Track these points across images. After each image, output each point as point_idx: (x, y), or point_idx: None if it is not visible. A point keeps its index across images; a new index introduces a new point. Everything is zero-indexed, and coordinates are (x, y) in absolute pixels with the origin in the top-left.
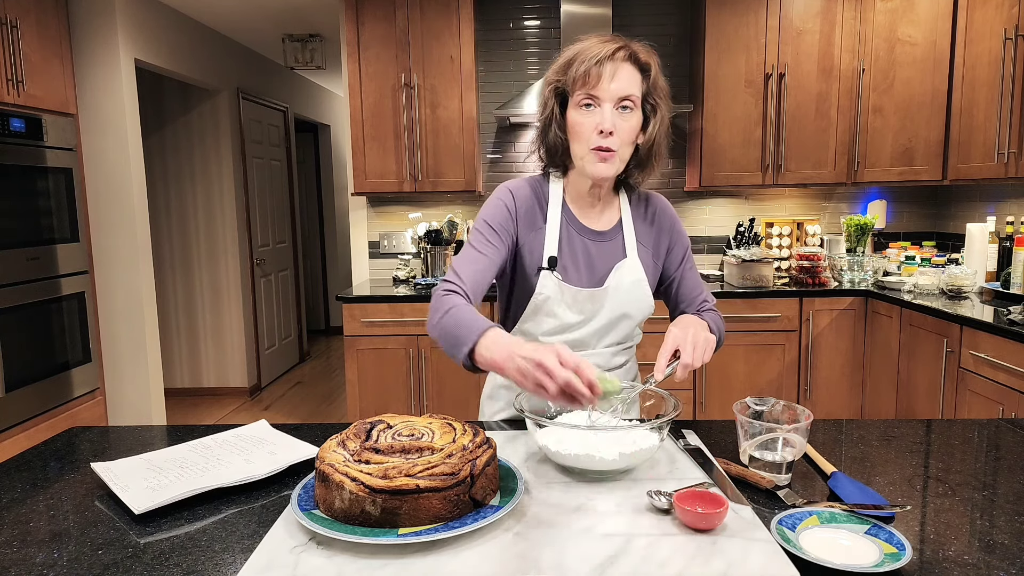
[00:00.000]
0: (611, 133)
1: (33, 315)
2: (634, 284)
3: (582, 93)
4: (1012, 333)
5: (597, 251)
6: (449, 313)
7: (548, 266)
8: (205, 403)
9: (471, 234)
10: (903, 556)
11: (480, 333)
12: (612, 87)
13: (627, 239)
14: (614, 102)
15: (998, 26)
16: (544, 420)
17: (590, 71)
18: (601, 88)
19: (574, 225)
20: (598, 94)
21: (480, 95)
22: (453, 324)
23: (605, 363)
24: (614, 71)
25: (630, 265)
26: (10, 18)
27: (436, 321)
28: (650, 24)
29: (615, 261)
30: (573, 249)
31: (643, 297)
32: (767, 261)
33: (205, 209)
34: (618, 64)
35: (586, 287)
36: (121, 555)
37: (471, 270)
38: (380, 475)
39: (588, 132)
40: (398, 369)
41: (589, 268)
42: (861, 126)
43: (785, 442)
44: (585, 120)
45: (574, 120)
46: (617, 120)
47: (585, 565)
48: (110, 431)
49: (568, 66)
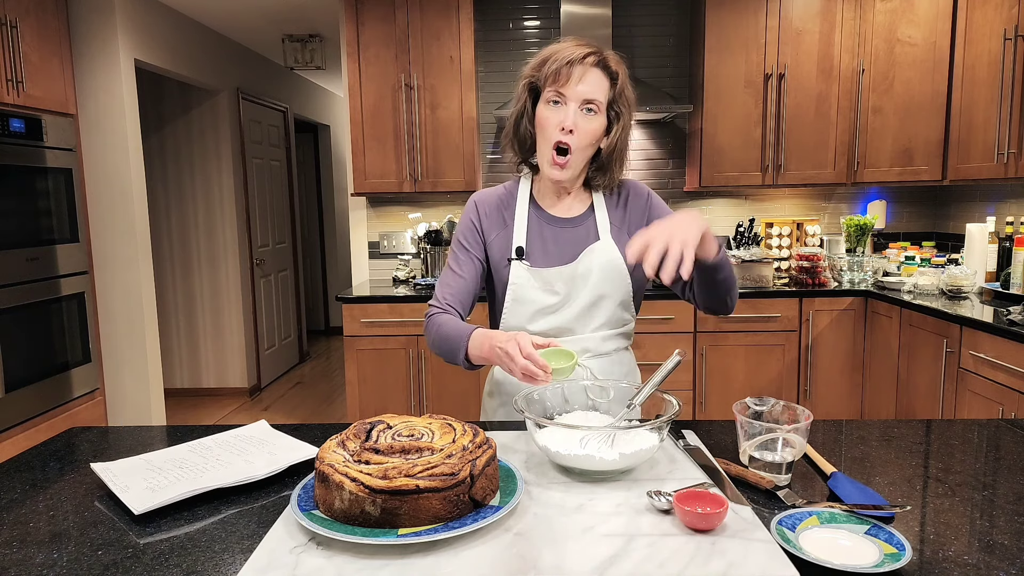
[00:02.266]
0: (571, 131)
1: (33, 315)
2: (609, 264)
3: (551, 90)
4: (1012, 333)
5: (567, 236)
6: (438, 330)
7: (516, 256)
8: (205, 403)
9: (449, 253)
10: (903, 556)
11: (467, 337)
12: (578, 88)
13: (600, 222)
14: (579, 103)
15: (998, 26)
16: (544, 420)
17: (560, 70)
18: (568, 87)
19: (543, 216)
20: (565, 92)
21: (480, 95)
22: (444, 337)
23: (595, 348)
24: (583, 74)
25: (602, 246)
26: (10, 18)
27: (431, 341)
28: (650, 24)
29: (587, 244)
30: (542, 237)
31: (620, 278)
32: (767, 261)
33: (205, 209)
34: (587, 68)
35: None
36: (121, 555)
37: (451, 291)
38: (380, 475)
39: (551, 128)
40: (398, 369)
41: (559, 253)
42: (861, 126)
43: (785, 442)
44: (551, 115)
45: (541, 115)
46: (579, 120)
47: (585, 565)
48: (110, 431)
49: (542, 64)
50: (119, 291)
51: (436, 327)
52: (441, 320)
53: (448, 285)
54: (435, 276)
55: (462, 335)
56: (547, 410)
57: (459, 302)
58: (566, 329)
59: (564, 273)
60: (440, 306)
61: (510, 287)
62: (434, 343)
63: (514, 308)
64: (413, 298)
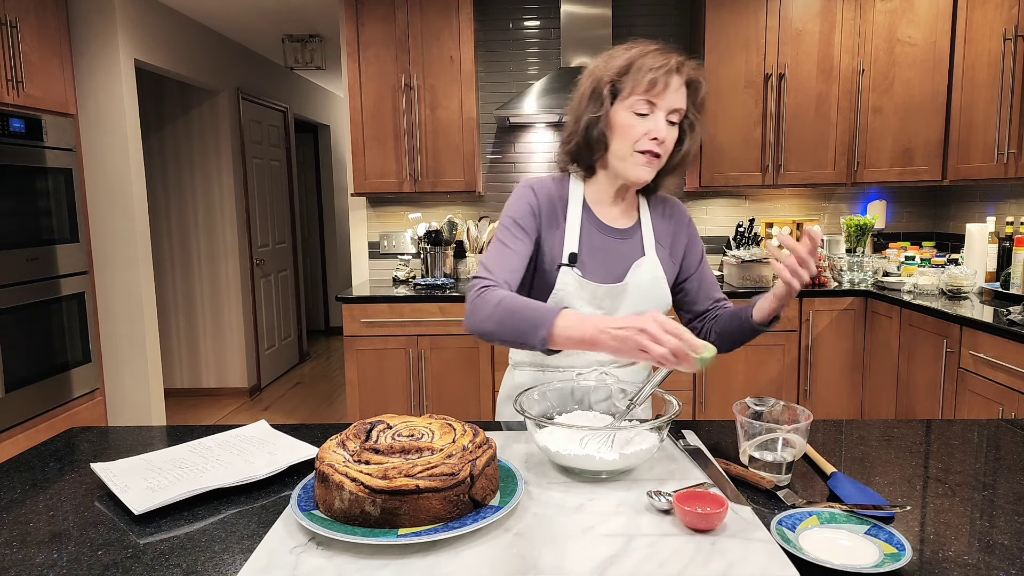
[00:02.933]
0: (663, 141)
1: (33, 315)
2: (652, 281)
3: (641, 98)
4: (1012, 333)
5: (616, 248)
6: (502, 303)
7: (568, 262)
8: (205, 403)
9: (498, 231)
10: (903, 556)
11: (555, 315)
12: (670, 100)
13: (645, 237)
14: (667, 112)
15: (998, 26)
16: (544, 421)
17: (657, 80)
18: (662, 99)
19: (594, 223)
20: (657, 103)
21: (480, 95)
22: (513, 311)
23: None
24: (678, 85)
25: (648, 263)
26: (10, 18)
27: (488, 313)
28: (650, 24)
29: (634, 259)
30: (592, 246)
31: (661, 295)
32: (767, 261)
33: (205, 209)
34: (681, 79)
35: (604, 283)
36: (121, 556)
37: (505, 267)
38: (380, 475)
39: (638, 135)
40: (398, 369)
41: (608, 265)
42: (861, 126)
43: (785, 442)
44: (637, 124)
45: (625, 121)
46: (667, 131)
47: (585, 565)
48: (110, 431)
49: (629, 68)
50: (119, 291)
51: (498, 300)
52: (504, 293)
53: (501, 261)
54: (435, 276)
55: (545, 312)
56: (547, 410)
57: (515, 281)
58: None
59: (614, 291)
60: (494, 280)
61: (556, 292)
62: (493, 316)
63: None
64: (413, 298)
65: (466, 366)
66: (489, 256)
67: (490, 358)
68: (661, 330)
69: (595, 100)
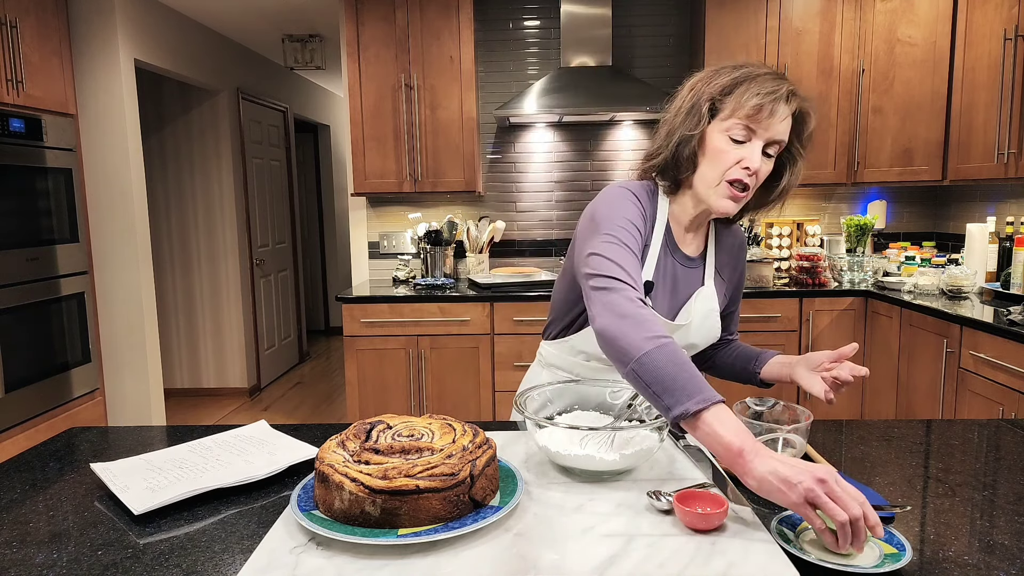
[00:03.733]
0: (755, 173)
1: (33, 315)
2: (707, 314)
3: (740, 122)
4: (1012, 333)
5: (683, 276)
6: (663, 347)
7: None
8: (204, 403)
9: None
10: (903, 556)
11: (714, 401)
12: (774, 129)
13: (708, 267)
14: (765, 142)
15: (998, 27)
16: (544, 421)
17: (763, 106)
18: (765, 128)
19: (671, 246)
20: (758, 130)
21: (480, 95)
22: (672, 361)
23: None
24: (785, 114)
25: (706, 294)
26: (10, 18)
27: (646, 349)
28: (650, 24)
29: (694, 288)
30: (665, 272)
31: (712, 328)
32: (767, 261)
33: (205, 209)
34: (788, 108)
35: (666, 314)
36: (121, 556)
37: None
38: (380, 475)
39: (730, 162)
40: (398, 369)
41: (673, 293)
42: (861, 126)
43: (785, 442)
44: (731, 150)
45: (718, 145)
46: (762, 162)
47: (585, 566)
48: (110, 431)
49: (734, 88)
50: (119, 291)
51: (658, 336)
52: (664, 333)
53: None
54: (435, 276)
55: (708, 391)
56: (548, 410)
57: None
58: None
59: (670, 327)
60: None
61: None
62: (643, 351)
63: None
64: (413, 298)
65: (466, 366)
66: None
67: (490, 358)
68: (841, 489)
69: (692, 116)
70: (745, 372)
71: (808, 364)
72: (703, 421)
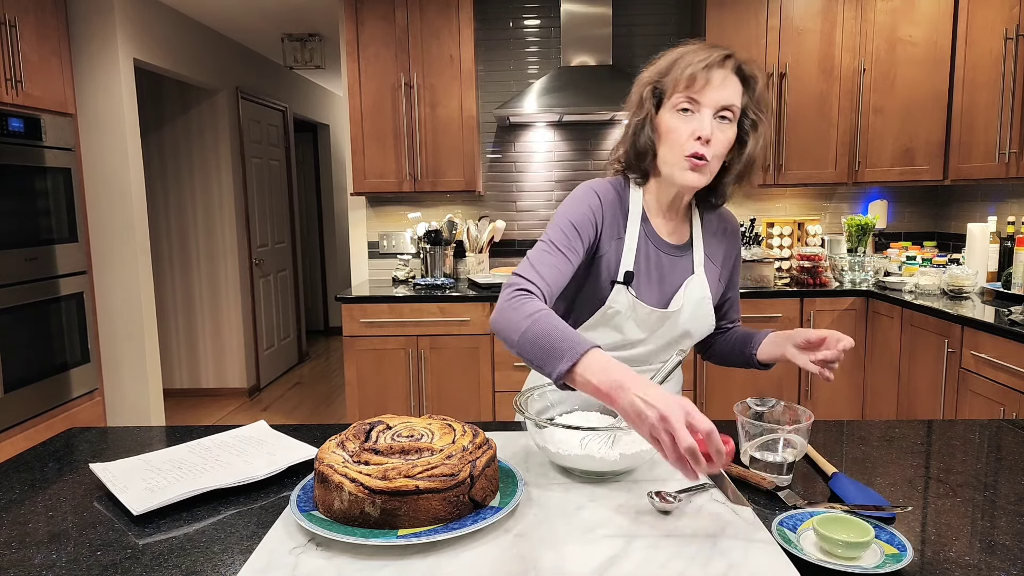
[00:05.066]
0: (708, 141)
1: (32, 315)
2: (700, 302)
3: (682, 96)
4: (1013, 333)
5: (670, 265)
6: (536, 318)
7: (624, 281)
8: (204, 404)
9: (550, 230)
10: (904, 557)
11: (582, 352)
12: (716, 94)
13: (696, 255)
14: (714, 110)
15: (999, 26)
16: (544, 421)
17: (696, 74)
18: (705, 93)
19: (652, 237)
20: (700, 99)
21: (480, 94)
22: (543, 334)
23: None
24: (722, 79)
25: (697, 282)
26: (9, 18)
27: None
28: (650, 24)
29: (684, 277)
30: (648, 262)
31: (706, 316)
32: (768, 261)
33: (204, 209)
34: (726, 72)
35: (656, 304)
36: (120, 556)
37: (553, 272)
38: (379, 476)
39: (683, 138)
40: (397, 370)
41: (660, 283)
42: (862, 126)
43: (786, 443)
44: (681, 125)
45: (668, 124)
46: (715, 130)
47: (585, 566)
48: (109, 432)
49: (671, 67)
50: (118, 291)
51: (533, 312)
52: (541, 306)
53: (547, 266)
54: (434, 276)
55: (575, 346)
56: (548, 410)
57: (557, 290)
58: (638, 359)
59: (664, 317)
60: (536, 286)
61: (606, 309)
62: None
63: (597, 329)
64: (413, 298)
65: (466, 366)
66: (538, 257)
67: (490, 358)
68: (683, 427)
69: (640, 105)
70: (743, 356)
71: (794, 342)
72: (577, 376)
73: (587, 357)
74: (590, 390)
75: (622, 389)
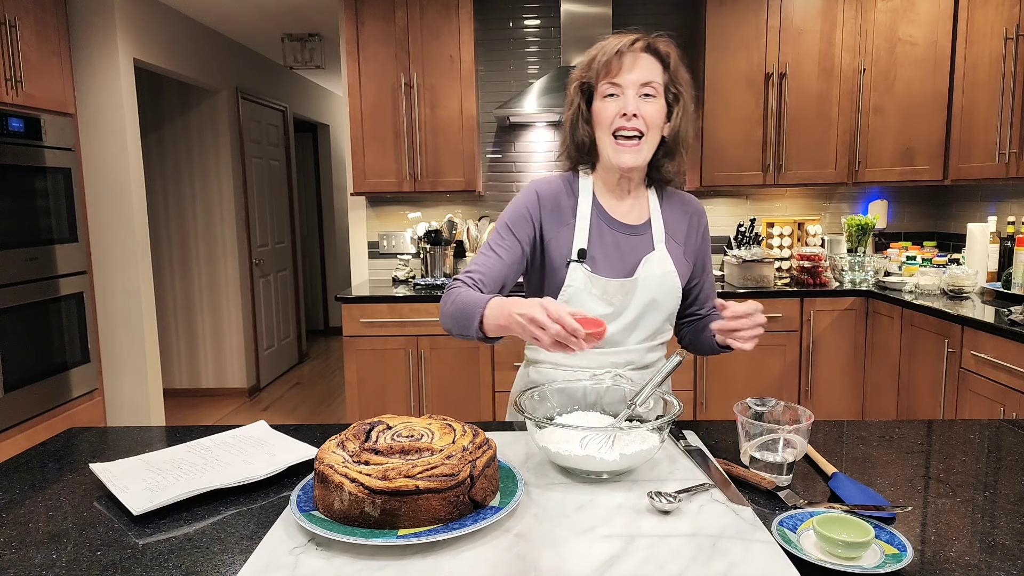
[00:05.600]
0: (635, 115)
1: (32, 315)
2: (663, 276)
3: (605, 83)
4: (1013, 333)
5: (628, 244)
6: (454, 301)
7: (577, 258)
8: (204, 404)
9: (491, 235)
10: (904, 557)
11: (484, 304)
12: (633, 75)
13: (655, 232)
14: (636, 89)
15: (999, 26)
16: (544, 421)
17: (611, 61)
18: (622, 76)
19: (604, 219)
20: (620, 82)
21: (480, 95)
22: (459, 306)
23: (638, 360)
24: (634, 60)
25: (658, 257)
26: (9, 18)
27: (444, 313)
28: (650, 24)
29: (644, 254)
30: (604, 242)
31: (672, 289)
32: (768, 261)
33: (204, 209)
34: (637, 54)
35: (615, 278)
36: (120, 556)
37: (482, 270)
38: (379, 476)
39: (611, 117)
40: (397, 370)
41: (620, 261)
42: (862, 126)
43: (786, 443)
44: (609, 106)
45: (598, 109)
46: (641, 105)
47: (585, 566)
48: (109, 432)
49: (591, 61)
50: (118, 291)
51: (454, 297)
52: (460, 290)
53: (483, 264)
54: (435, 276)
55: (478, 303)
56: (548, 410)
57: (491, 281)
58: (612, 340)
59: (625, 285)
60: (466, 281)
61: (565, 289)
62: (447, 315)
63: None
64: (413, 298)
65: (466, 366)
66: (473, 261)
67: (490, 358)
68: (546, 317)
69: (574, 99)
70: (709, 342)
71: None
72: (486, 325)
73: (487, 307)
74: (498, 330)
75: (509, 315)
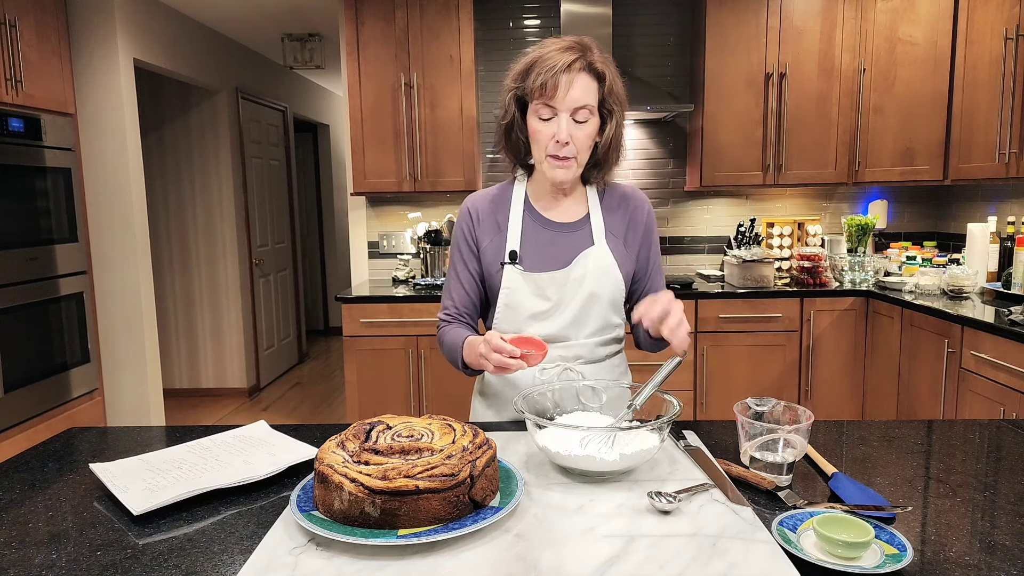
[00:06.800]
0: (567, 143)
1: (32, 315)
2: (603, 269)
3: (540, 103)
4: (1013, 334)
5: (565, 241)
6: (441, 342)
7: (509, 260)
8: (204, 404)
9: (450, 256)
10: (904, 557)
11: (461, 347)
12: (568, 99)
13: (595, 228)
14: (570, 112)
15: (999, 26)
16: (544, 421)
17: (547, 83)
18: (557, 99)
19: (539, 221)
20: (555, 105)
21: (480, 95)
22: (447, 349)
23: (588, 355)
24: (570, 82)
25: (597, 252)
26: (9, 18)
27: (441, 350)
28: (650, 24)
29: (581, 249)
30: (538, 242)
31: (612, 281)
32: (768, 261)
33: (204, 209)
34: (574, 75)
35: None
36: (120, 556)
37: (456, 297)
38: (379, 476)
39: (546, 140)
40: (397, 370)
41: (554, 258)
42: (862, 126)
43: (786, 443)
44: (543, 128)
45: (533, 127)
46: (573, 130)
47: (585, 567)
48: (109, 432)
49: (526, 74)
50: (118, 291)
51: (441, 337)
52: (446, 330)
53: (452, 295)
54: (434, 276)
55: (456, 347)
56: (547, 411)
57: (467, 310)
58: (559, 336)
59: (557, 278)
60: (447, 317)
61: (502, 292)
62: (443, 354)
63: (506, 313)
64: (413, 298)
65: None
66: (444, 290)
67: None
68: (487, 349)
69: (508, 108)
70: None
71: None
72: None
73: (464, 350)
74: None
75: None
